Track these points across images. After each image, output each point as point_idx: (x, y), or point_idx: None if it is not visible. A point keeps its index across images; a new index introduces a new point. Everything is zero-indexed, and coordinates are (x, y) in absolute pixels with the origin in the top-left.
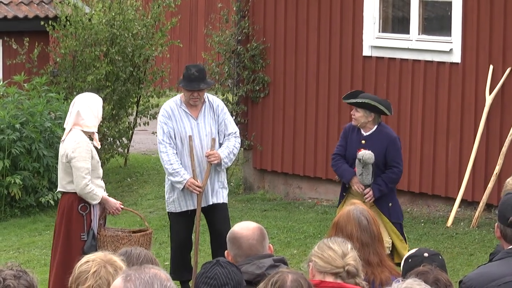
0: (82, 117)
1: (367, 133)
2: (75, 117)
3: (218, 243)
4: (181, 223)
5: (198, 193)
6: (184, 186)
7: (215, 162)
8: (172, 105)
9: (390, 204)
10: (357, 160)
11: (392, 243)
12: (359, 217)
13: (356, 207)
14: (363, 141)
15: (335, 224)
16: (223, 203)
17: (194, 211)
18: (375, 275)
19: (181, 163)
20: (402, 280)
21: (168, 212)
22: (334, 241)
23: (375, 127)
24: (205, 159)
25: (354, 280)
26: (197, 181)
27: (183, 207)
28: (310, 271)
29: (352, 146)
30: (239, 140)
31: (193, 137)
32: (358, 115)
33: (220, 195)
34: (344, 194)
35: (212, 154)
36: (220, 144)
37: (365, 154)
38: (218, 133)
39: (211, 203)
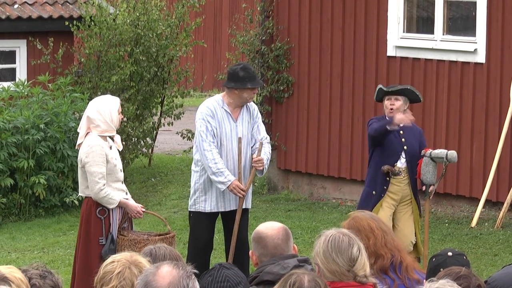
0: (92, 122)
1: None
2: (86, 122)
3: (239, 246)
4: (207, 224)
5: (242, 196)
6: (227, 188)
7: (261, 168)
8: (214, 104)
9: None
10: (427, 159)
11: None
12: (370, 214)
13: (362, 213)
14: (401, 132)
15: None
16: (248, 208)
17: (225, 212)
18: (402, 258)
19: None
20: (435, 280)
21: (191, 212)
22: (338, 251)
23: None
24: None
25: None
26: (242, 184)
27: (217, 208)
28: (317, 272)
29: (391, 138)
30: (270, 146)
31: (231, 139)
32: (399, 104)
33: (251, 200)
34: (373, 192)
35: (261, 160)
36: (251, 147)
37: (452, 153)
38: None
39: (246, 206)
